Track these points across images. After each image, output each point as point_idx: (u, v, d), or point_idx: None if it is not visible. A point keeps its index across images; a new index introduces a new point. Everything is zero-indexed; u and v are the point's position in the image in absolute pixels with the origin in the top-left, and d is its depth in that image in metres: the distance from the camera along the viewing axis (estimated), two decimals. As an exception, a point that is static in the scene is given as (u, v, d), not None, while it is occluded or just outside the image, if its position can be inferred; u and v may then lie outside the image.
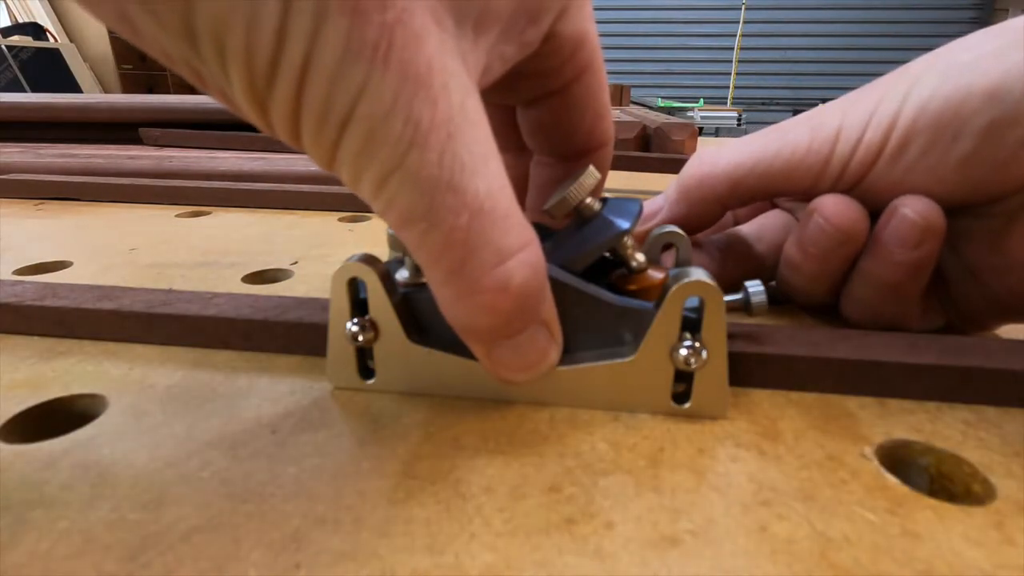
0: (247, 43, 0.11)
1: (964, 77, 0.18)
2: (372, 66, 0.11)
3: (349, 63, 0.11)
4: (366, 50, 0.11)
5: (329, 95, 0.12)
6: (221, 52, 0.11)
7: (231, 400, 0.19)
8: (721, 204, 0.23)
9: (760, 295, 0.19)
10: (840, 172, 0.21)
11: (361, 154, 0.12)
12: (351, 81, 0.11)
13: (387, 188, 0.13)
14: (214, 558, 0.13)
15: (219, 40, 0.11)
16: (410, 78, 0.12)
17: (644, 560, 0.13)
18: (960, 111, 0.18)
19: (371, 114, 0.12)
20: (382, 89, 0.11)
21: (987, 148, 0.18)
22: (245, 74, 0.11)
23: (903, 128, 0.19)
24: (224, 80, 0.12)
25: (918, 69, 0.20)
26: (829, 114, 0.21)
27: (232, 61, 0.11)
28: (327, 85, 0.11)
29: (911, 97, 0.19)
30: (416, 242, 0.13)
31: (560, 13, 0.16)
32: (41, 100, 0.77)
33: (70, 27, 2.87)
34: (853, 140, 0.20)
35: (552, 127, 0.20)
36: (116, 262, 0.32)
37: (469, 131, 0.13)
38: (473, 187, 0.13)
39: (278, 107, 0.12)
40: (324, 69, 0.11)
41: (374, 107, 0.12)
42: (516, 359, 0.16)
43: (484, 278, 0.13)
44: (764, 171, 0.22)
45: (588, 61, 0.18)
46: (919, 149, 0.19)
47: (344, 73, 0.11)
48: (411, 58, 0.12)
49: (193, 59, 0.12)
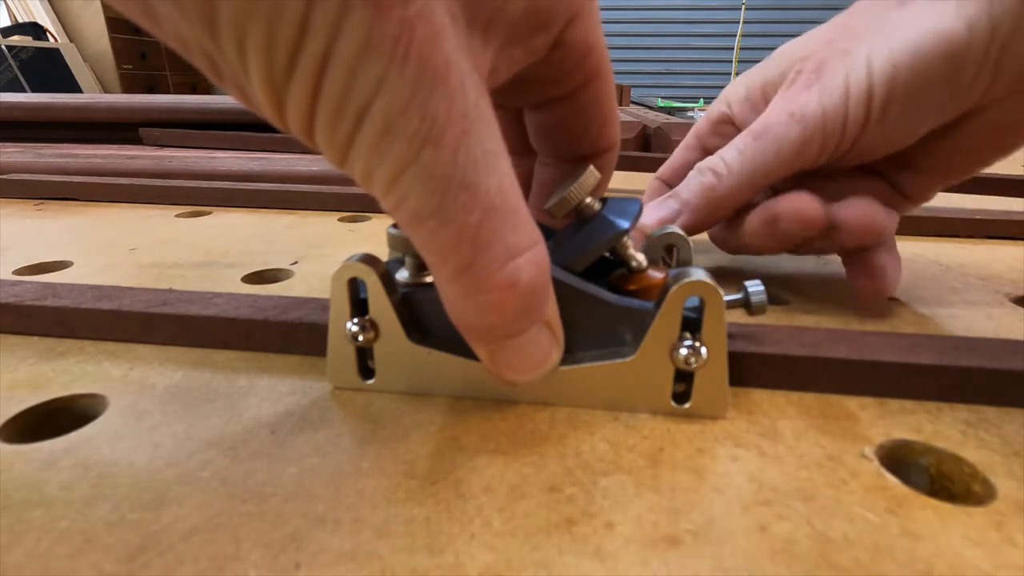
0: (269, 34, 0.11)
1: (912, 39, 0.21)
2: (391, 61, 0.11)
3: (369, 57, 0.11)
4: (386, 44, 0.11)
5: (347, 89, 0.12)
6: (241, 43, 0.11)
7: (231, 400, 0.19)
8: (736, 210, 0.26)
9: (760, 295, 0.19)
10: (836, 147, 0.23)
11: (375, 149, 0.12)
12: (370, 75, 0.11)
13: (399, 185, 0.13)
14: (214, 558, 0.13)
15: (240, 31, 0.11)
16: (428, 74, 0.12)
17: (644, 560, 0.13)
18: (926, 75, 0.21)
19: (388, 109, 0.12)
20: (400, 84, 0.11)
21: (951, 94, 0.21)
22: (264, 66, 0.11)
23: (880, 99, 0.22)
24: (241, 72, 0.12)
25: (859, 25, 0.23)
26: (805, 99, 0.23)
27: (252, 52, 0.11)
28: (346, 78, 0.11)
29: (874, 66, 0.22)
30: (426, 239, 0.13)
31: (569, 21, 0.16)
32: (41, 100, 0.77)
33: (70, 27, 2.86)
34: (840, 121, 0.22)
35: (558, 131, 0.20)
36: (116, 262, 0.32)
37: (483, 129, 0.13)
38: (485, 185, 0.13)
39: (294, 100, 0.12)
40: (344, 62, 0.11)
41: (391, 102, 0.12)
42: (519, 360, 0.16)
43: (493, 276, 0.13)
44: (773, 173, 0.24)
45: (596, 69, 0.18)
46: (898, 112, 0.22)
47: (363, 67, 0.11)
48: (430, 54, 0.12)
49: (212, 49, 0.12)
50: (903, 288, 0.28)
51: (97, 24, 2.83)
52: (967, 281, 0.30)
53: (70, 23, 2.88)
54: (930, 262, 0.32)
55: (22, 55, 2.52)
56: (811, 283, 0.29)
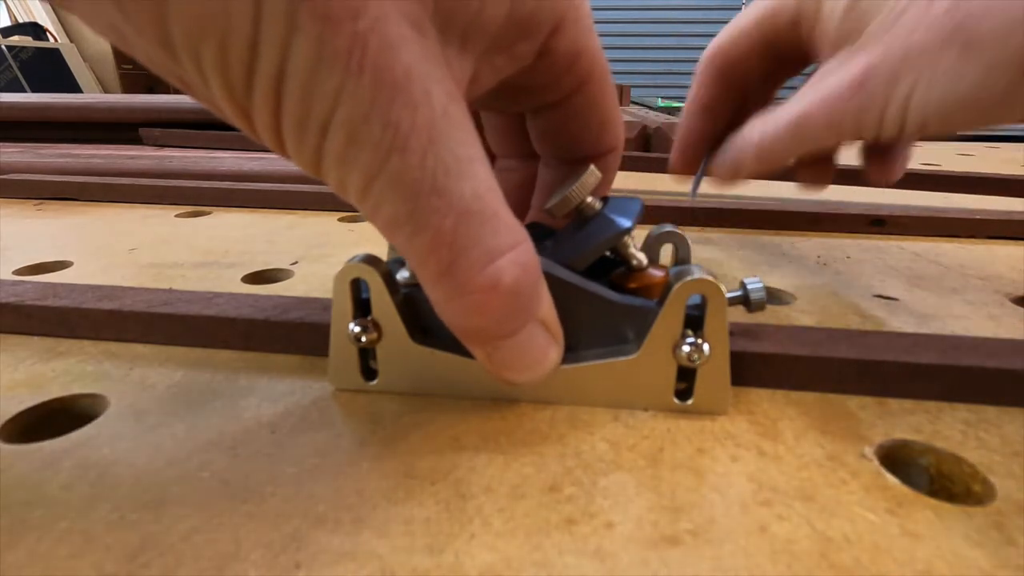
0: (221, 53, 0.11)
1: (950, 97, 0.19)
2: (347, 73, 0.11)
3: (323, 70, 0.11)
4: (340, 57, 0.11)
5: (306, 101, 0.12)
6: (198, 62, 0.11)
7: (231, 400, 0.19)
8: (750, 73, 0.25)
9: (759, 291, 0.19)
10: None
11: (343, 159, 0.12)
12: (326, 88, 0.11)
13: (371, 192, 0.13)
14: (214, 558, 0.13)
15: (194, 50, 0.11)
16: (386, 84, 0.12)
17: (644, 560, 0.13)
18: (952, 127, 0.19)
19: (349, 119, 0.12)
20: (358, 95, 0.12)
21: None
22: (223, 83, 0.12)
23: (906, 135, 0.20)
24: (206, 88, 0.12)
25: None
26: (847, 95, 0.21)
27: (209, 71, 0.12)
28: (303, 92, 0.12)
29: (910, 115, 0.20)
30: (404, 246, 0.14)
31: (554, 29, 0.16)
32: (41, 100, 0.77)
33: (70, 27, 2.87)
34: (863, 132, 0.21)
35: (558, 134, 0.20)
36: (116, 262, 0.32)
37: (453, 134, 0.13)
38: (458, 190, 0.13)
39: (259, 114, 0.12)
40: (299, 77, 0.11)
41: (352, 112, 0.12)
42: (516, 360, 0.16)
43: (474, 279, 0.14)
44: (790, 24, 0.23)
45: (587, 74, 0.18)
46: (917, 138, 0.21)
47: (319, 80, 0.11)
48: (387, 64, 0.12)
49: (175, 68, 0.12)
50: (903, 288, 0.28)
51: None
52: (967, 281, 0.30)
53: (70, 23, 2.88)
54: (930, 262, 0.32)
55: (22, 55, 2.52)
56: (811, 283, 0.29)
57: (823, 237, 0.37)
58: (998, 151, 0.77)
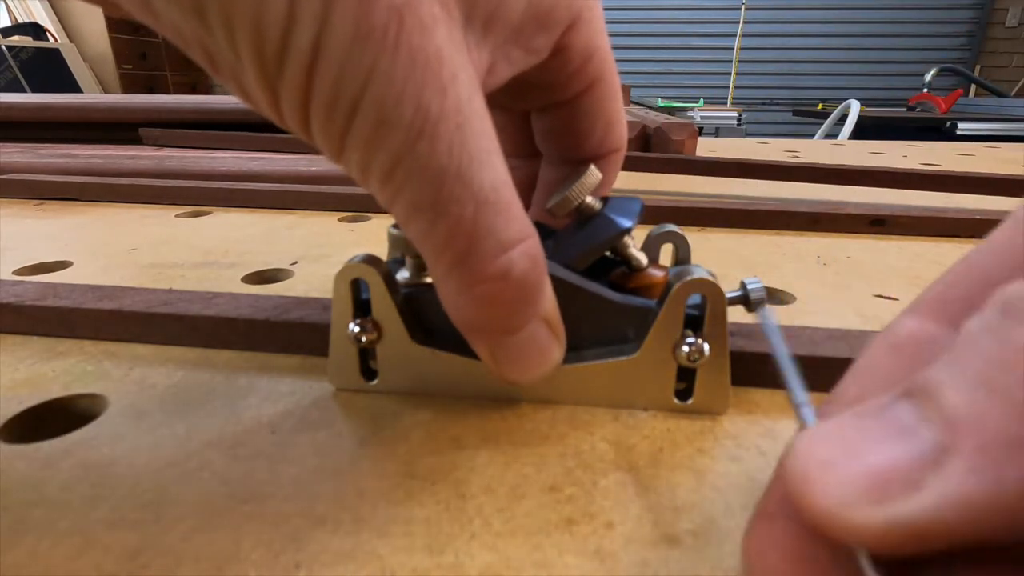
0: (257, 23, 0.11)
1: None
2: (382, 50, 0.11)
3: (359, 46, 0.11)
4: (376, 33, 0.11)
5: (339, 79, 0.12)
6: (231, 33, 0.11)
7: (231, 400, 0.19)
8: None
9: (759, 291, 0.19)
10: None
11: (370, 141, 0.12)
12: (361, 64, 0.11)
13: (395, 177, 0.13)
14: (214, 558, 0.13)
15: (228, 19, 0.11)
16: (419, 64, 0.12)
17: (644, 560, 0.13)
18: None
19: (381, 100, 0.12)
20: (392, 74, 0.11)
21: None
22: (255, 56, 0.11)
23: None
24: (236, 62, 0.12)
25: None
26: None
27: (242, 41, 0.11)
28: (337, 68, 0.11)
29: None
30: (422, 233, 0.13)
31: (571, 25, 0.16)
32: (41, 100, 0.77)
33: (70, 27, 2.87)
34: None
35: (563, 134, 0.20)
36: (116, 262, 0.32)
37: (477, 124, 0.13)
38: (479, 179, 0.13)
39: (288, 91, 0.12)
40: (334, 51, 0.11)
41: (384, 92, 0.12)
42: (519, 357, 0.16)
43: (487, 267, 0.14)
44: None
45: (598, 74, 0.18)
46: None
47: (354, 56, 0.11)
48: (421, 44, 0.12)
49: (206, 38, 0.12)
50: (903, 288, 0.28)
51: (97, 24, 2.83)
52: (967, 281, 0.29)
53: (70, 23, 2.88)
54: (930, 262, 0.32)
55: (22, 55, 2.52)
56: (811, 283, 0.29)
57: (823, 237, 0.37)
58: (998, 151, 0.77)
